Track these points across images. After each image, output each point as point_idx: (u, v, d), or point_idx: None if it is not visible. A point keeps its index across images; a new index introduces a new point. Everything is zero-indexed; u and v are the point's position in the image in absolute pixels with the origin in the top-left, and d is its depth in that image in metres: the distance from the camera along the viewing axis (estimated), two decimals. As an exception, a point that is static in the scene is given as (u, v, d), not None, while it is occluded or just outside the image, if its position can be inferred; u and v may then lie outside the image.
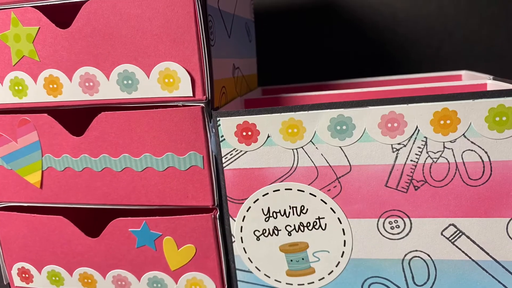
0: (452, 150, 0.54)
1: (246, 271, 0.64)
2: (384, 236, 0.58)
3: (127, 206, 0.65)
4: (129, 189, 0.64)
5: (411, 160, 0.55)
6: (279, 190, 0.59)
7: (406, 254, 0.58)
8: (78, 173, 0.65)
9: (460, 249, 0.57)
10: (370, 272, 0.60)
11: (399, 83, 0.84)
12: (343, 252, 0.60)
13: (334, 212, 0.59)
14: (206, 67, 0.57)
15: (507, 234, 0.55)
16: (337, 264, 0.61)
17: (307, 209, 0.59)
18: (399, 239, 0.58)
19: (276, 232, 0.61)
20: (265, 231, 0.61)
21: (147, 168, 0.62)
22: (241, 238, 0.62)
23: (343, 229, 0.59)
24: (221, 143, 0.59)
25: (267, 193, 0.60)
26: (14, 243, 0.71)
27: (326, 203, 0.58)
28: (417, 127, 0.53)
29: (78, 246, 0.68)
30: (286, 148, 0.57)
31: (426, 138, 0.54)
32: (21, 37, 0.60)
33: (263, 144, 0.58)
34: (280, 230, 0.61)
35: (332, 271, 0.61)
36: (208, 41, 0.58)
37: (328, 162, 0.57)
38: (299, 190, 0.59)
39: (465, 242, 0.56)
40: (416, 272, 0.59)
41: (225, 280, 0.65)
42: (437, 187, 0.55)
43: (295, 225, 0.60)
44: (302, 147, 0.57)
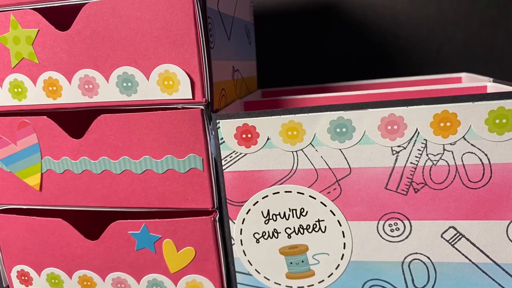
0: (452, 153, 0.54)
1: (246, 274, 0.64)
2: (384, 239, 0.58)
3: (127, 209, 0.65)
4: (129, 192, 0.64)
5: (411, 163, 0.55)
6: (279, 193, 0.59)
7: (406, 257, 0.58)
8: (78, 176, 0.64)
9: (460, 252, 0.57)
10: (370, 275, 0.60)
11: (399, 86, 0.84)
12: (343, 255, 0.60)
13: (334, 215, 0.58)
14: (206, 70, 0.57)
15: (507, 237, 0.55)
16: (337, 267, 0.61)
17: (307, 212, 0.59)
18: (399, 242, 0.58)
19: (276, 235, 0.61)
20: (265, 234, 0.61)
21: (147, 171, 0.62)
22: (241, 241, 0.62)
23: (343, 232, 0.59)
24: (221, 146, 0.59)
25: (267, 196, 0.59)
26: (14, 246, 0.71)
27: (326, 206, 0.58)
28: (417, 130, 0.53)
29: (78, 249, 0.68)
30: (286, 151, 0.57)
31: (426, 141, 0.54)
32: (21, 39, 0.60)
33: (263, 147, 0.58)
34: (280, 233, 0.61)
35: (332, 274, 0.61)
36: (208, 44, 0.58)
37: (328, 165, 0.57)
38: (299, 193, 0.59)
39: (465, 245, 0.56)
40: (416, 275, 0.59)
41: (225, 283, 0.65)
42: (437, 190, 0.55)
43: (295, 228, 0.60)
44: (302, 150, 0.57)
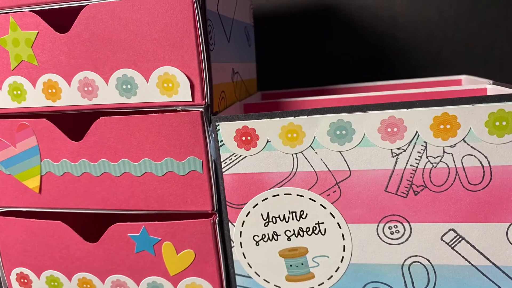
0: (452, 155, 0.54)
1: (246, 276, 0.64)
2: (384, 241, 0.58)
3: (126, 211, 0.65)
4: (128, 194, 0.64)
5: (411, 165, 0.55)
6: (279, 195, 0.59)
7: (406, 259, 0.58)
8: (77, 178, 0.64)
9: (460, 254, 0.57)
10: (370, 277, 0.60)
11: (399, 88, 0.84)
12: (343, 257, 0.60)
13: (334, 217, 0.58)
14: (205, 72, 0.57)
15: (507, 239, 0.55)
16: (337, 269, 0.60)
17: (307, 214, 0.59)
18: (399, 244, 0.58)
19: (276, 237, 0.61)
20: (265, 236, 0.61)
21: (146, 173, 0.62)
22: (241, 243, 0.62)
23: (343, 234, 0.59)
24: (221, 148, 0.59)
25: (267, 198, 0.59)
26: (13, 248, 0.71)
27: (326, 208, 0.58)
28: (417, 132, 0.53)
29: (77, 251, 0.68)
30: (286, 153, 0.57)
31: (426, 143, 0.54)
32: (20, 42, 0.60)
33: (263, 149, 0.58)
34: (280, 235, 0.60)
35: (332, 276, 0.61)
36: (207, 46, 0.58)
37: (328, 167, 0.57)
38: (299, 195, 0.59)
39: (465, 247, 0.56)
40: (416, 277, 0.59)
41: (224, 285, 0.65)
42: (437, 192, 0.55)
43: (295, 230, 0.60)
44: (302, 152, 0.57)
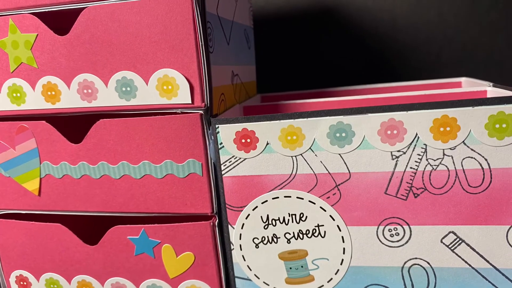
0: (452, 158, 0.53)
1: (245, 279, 0.64)
2: (384, 244, 0.58)
3: (126, 214, 0.65)
4: (128, 197, 0.63)
5: (411, 168, 0.55)
6: (278, 198, 0.59)
7: (406, 262, 0.58)
8: (77, 181, 0.64)
9: (460, 257, 0.57)
10: (370, 280, 0.60)
11: (399, 90, 0.84)
12: (343, 260, 0.60)
13: (334, 220, 0.58)
14: (205, 74, 0.57)
15: (507, 242, 0.55)
16: (337, 272, 0.60)
17: (306, 217, 0.59)
18: (399, 247, 0.58)
19: (275, 240, 0.61)
20: (264, 239, 0.61)
21: (146, 176, 0.62)
22: (240, 246, 0.62)
23: (343, 237, 0.59)
24: (220, 151, 0.59)
25: (266, 201, 0.59)
26: (12, 251, 0.71)
27: (326, 211, 0.58)
28: (417, 134, 0.53)
29: (77, 254, 0.68)
30: (285, 156, 0.57)
31: (426, 145, 0.54)
32: (19, 44, 0.60)
33: (262, 152, 0.58)
34: (279, 238, 0.60)
35: (332, 279, 0.61)
36: (207, 48, 0.58)
37: (328, 170, 0.57)
38: (298, 198, 0.58)
39: (465, 250, 0.56)
40: (416, 280, 0.59)
41: (224, 288, 0.65)
42: (437, 195, 0.55)
43: (294, 233, 0.60)
44: (301, 155, 0.57)
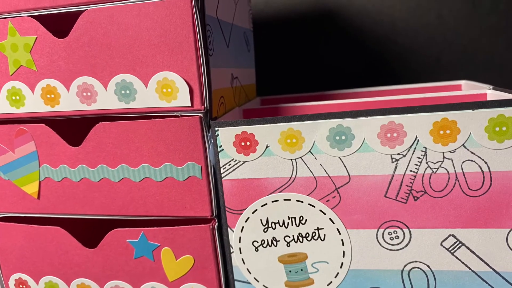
0: (452, 161, 0.53)
1: (245, 282, 0.63)
2: (383, 247, 0.58)
3: (125, 217, 0.65)
4: (127, 200, 0.63)
5: (411, 171, 0.55)
6: (278, 201, 0.59)
7: (406, 265, 0.58)
8: (76, 184, 0.64)
9: (460, 260, 0.56)
10: (369, 283, 0.60)
11: (399, 93, 0.84)
12: (342, 263, 0.60)
13: (333, 223, 0.58)
14: (205, 77, 0.57)
15: (507, 245, 0.55)
16: (336, 275, 0.60)
17: (306, 220, 0.59)
18: (399, 250, 0.58)
19: (275, 243, 0.61)
20: (264, 242, 0.61)
21: (145, 179, 0.62)
22: (240, 249, 0.62)
23: (342, 240, 0.59)
24: (220, 154, 0.59)
25: (266, 204, 0.59)
26: (11, 254, 0.70)
27: (325, 214, 0.58)
28: (417, 137, 0.53)
29: (76, 257, 0.67)
30: (285, 159, 0.57)
31: (426, 148, 0.53)
32: (18, 47, 0.60)
33: (262, 155, 0.57)
34: (279, 241, 0.60)
35: (331, 282, 0.61)
36: (207, 51, 0.58)
37: (327, 173, 0.57)
38: (298, 201, 0.58)
39: (465, 253, 0.56)
40: (416, 283, 0.59)
41: (224, 291, 0.65)
42: (437, 198, 0.55)
43: (294, 236, 0.60)
44: (301, 158, 0.57)
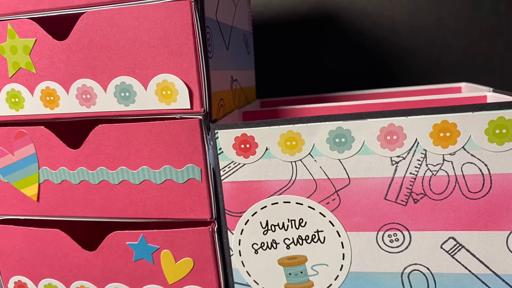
0: (452, 163, 0.53)
1: (244, 285, 0.63)
2: (383, 249, 0.58)
3: (125, 219, 0.65)
4: (127, 202, 0.63)
5: (411, 173, 0.55)
6: (278, 203, 0.59)
7: (406, 268, 0.58)
8: (75, 186, 0.64)
9: (460, 263, 0.56)
10: (369, 286, 0.60)
11: (398, 96, 0.84)
12: (342, 266, 0.60)
13: (333, 225, 0.58)
14: (204, 79, 0.57)
15: (507, 247, 0.55)
16: (336, 278, 0.60)
17: (306, 222, 0.59)
18: (399, 252, 0.58)
19: (275, 245, 0.60)
20: (264, 244, 0.61)
21: (145, 181, 0.62)
22: (239, 252, 0.62)
23: (342, 242, 0.59)
24: (219, 156, 0.59)
25: (266, 206, 0.59)
26: (11, 256, 0.70)
27: (325, 216, 0.58)
28: (417, 140, 0.53)
29: (75, 259, 0.67)
30: (285, 161, 0.57)
31: (426, 151, 0.53)
32: (18, 49, 0.60)
33: (262, 157, 0.57)
34: (279, 243, 0.60)
35: (331, 285, 0.61)
36: (206, 53, 0.58)
37: (327, 175, 0.57)
38: (298, 203, 0.58)
39: (465, 255, 0.56)
40: (416, 286, 0.58)
41: (223, 294, 0.65)
42: (437, 200, 0.55)
43: (294, 238, 0.60)
44: (301, 160, 0.57)
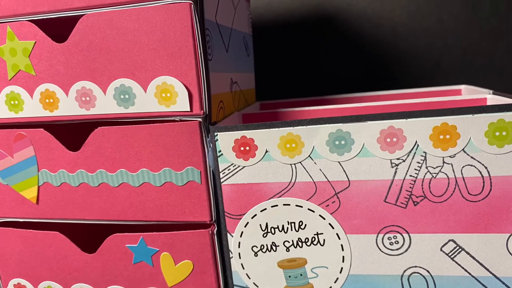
0: (452, 165, 0.53)
1: (244, 287, 0.63)
2: (383, 252, 0.58)
3: (124, 222, 0.65)
4: (126, 205, 0.63)
5: (410, 175, 0.54)
6: (277, 206, 0.59)
7: (405, 270, 0.58)
8: (75, 189, 0.64)
9: (460, 265, 0.56)
10: (369, 289, 0.60)
11: (398, 98, 0.84)
12: (342, 268, 0.59)
13: (333, 228, 0.58)
14: (204, 82, 0.57)
15: (507, 250, 0.55)
16: (336, 280, 0.60)
17: (306, 225, 0.59)
18: (398, 255, 0.57)
19: (274, 248, 0.60)
20: (263, 247, 0.61)
21: (144, 184, 0.62)
22: (239, 254, 0.62)
23: (342, 245, 0.58)
24: (219, 158, 0.58)
25: (265, 209, 0.59)
26: (10, 259, 0.70)
27: (325, 219, 0.58)
28: (416, 142, 0.53)
29: (75, 262, 0.67)
30: (284, 163, 0.57)
31: (426, 153, 0.53)
32: (17, 51, 0.60)
33: (261, 159, 0.57)
34: (278, 246, 0.60)
35: (331, 287, 0.61)
36: (206, 55, 0.58)
37: (327, 177, 0.57)
38: (298, 206, 0.58)
39: (465, 258, 0.56)
40: (416, 289, 0.59)
41: (223, 297, 0.65)
42: (437, 203, 0.55)
43: (294, 241, 0.60)
44: (301, 162, 0.57)
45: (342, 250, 0.59)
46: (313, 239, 0.59)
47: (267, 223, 0.60)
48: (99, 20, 0.57)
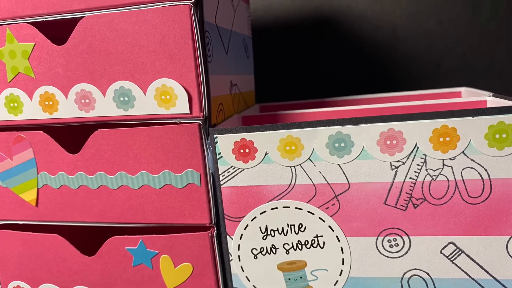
0: (452, 168, 0.53)
1: (244, 290, 0.63)
2: (383, 255, 0.58)
3: (124, 224, 0.65)
4: (126, 207, 0.63)
5: (410, 178, 0.54)
6: (277, 208, 0.59)
7: (405, 273, 0.58)
8: (74, 191, 0.64)
9: (460, 268, 0.56)
10: (369, 291, 0.60)
11: (398, 100, 0.84)
12: (342, 271, 0.59)
13: (333, 230, 0.58)
14: (203, 84, 0.57)
15: (507, 253, 0.55)
16: (336, 283, 0.60)
17: (305, 227, 0.59)
18: (398, 258, 0.57)
19: (274, 251, 0.60)
20: (263, 250, 0.61)
21: (144, 186, 0.61)
22: (239, 257, 0.62)
23: (342, 248, 0.58)
24: (218, 161, 0.58)
25: (265, 211, 0.59)
26: (9, 262, 0.70)
27: (325, 221, 0.58)
28: (416, 145, 0.53)
29: (74, 265, 0.67)
30: (284, 166, 0.57)
31: (425, 156, 0.53)
32: (17, 54, 0.60)
33: (261, 162, 0.57)
34: (278, 249, 0.60)
35: (331, 290, 0.61)
36: (205, 58, 0.58)
37: (327, 180, 0.57)
38: (297, 208, 0.58)
39: (465, 261, 0.56)
40: (416, 291, 0.58)
41: (223, 299, 0.65)
42: (437, 205, 0.55)
43: (293, 243, 0.60)
44: (300, 165, 0.57)
45: (342, 253, 0.59)
46: (313, 242, 0.59)
47: (267, 226, 0.60)
48: (99, 22, 0.57)
